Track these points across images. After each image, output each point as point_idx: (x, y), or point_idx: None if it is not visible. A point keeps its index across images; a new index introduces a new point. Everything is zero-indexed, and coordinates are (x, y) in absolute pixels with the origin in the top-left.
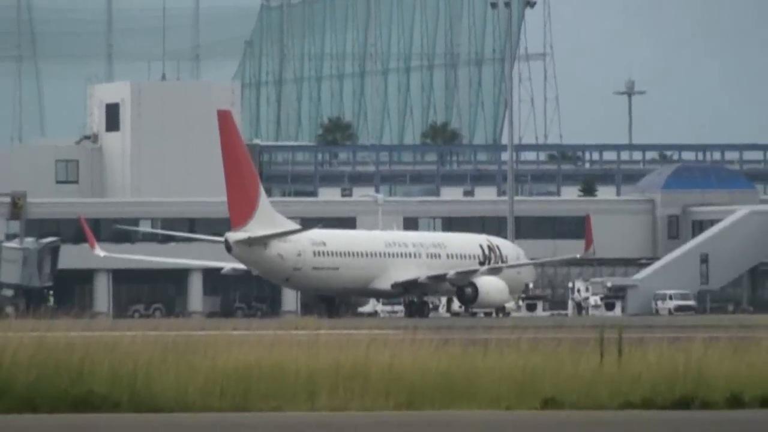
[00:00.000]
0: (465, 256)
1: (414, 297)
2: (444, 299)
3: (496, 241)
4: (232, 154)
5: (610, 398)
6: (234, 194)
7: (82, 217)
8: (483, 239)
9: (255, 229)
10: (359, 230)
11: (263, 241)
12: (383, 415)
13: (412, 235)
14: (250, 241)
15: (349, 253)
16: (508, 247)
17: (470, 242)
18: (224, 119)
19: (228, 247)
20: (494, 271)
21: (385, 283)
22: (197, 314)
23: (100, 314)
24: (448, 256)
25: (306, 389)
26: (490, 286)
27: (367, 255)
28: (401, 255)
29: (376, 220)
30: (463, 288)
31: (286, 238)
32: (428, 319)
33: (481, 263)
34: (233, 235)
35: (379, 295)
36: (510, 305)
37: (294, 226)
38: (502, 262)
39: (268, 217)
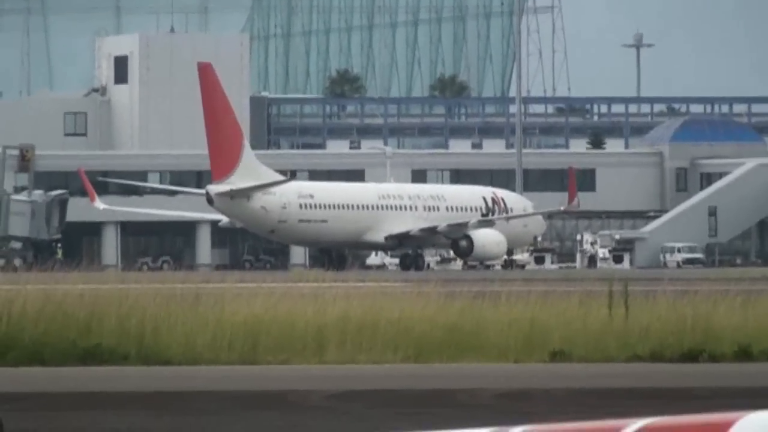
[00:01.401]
0: (466, 209)
1: (409, 250)
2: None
3: (501, 193)
4: (213, 107)
5: (618, 351)
6: (215, 147)
7: (81, 170)
8: (487, 191)
9: (237, 181)
10: (351, 183)
11: (245, 193)
12: (391, 367)
13: (408, 188)
14: (232, 194)
15: (338, 206)
16: (514, 199)
17: (473, 195)
18: (205, 72)
19: (209, 200)
20: (488, 223)
21: (378, 236)
22: (205, 267)
23: (108, 267)
24: (447, 208)
25: (314, 342)
26: (486, 238)
27: (358, 207)
28: (395, 207)
29: (384, 172)
30: (457, 241)
31: (271, 191)
32: (428, 271)
33: (484, 216)
34: (214, 188)
35: (372, 247)
36: (523, 257)
37: (279, 178)
38: (508, 214)
39: (252, 170)
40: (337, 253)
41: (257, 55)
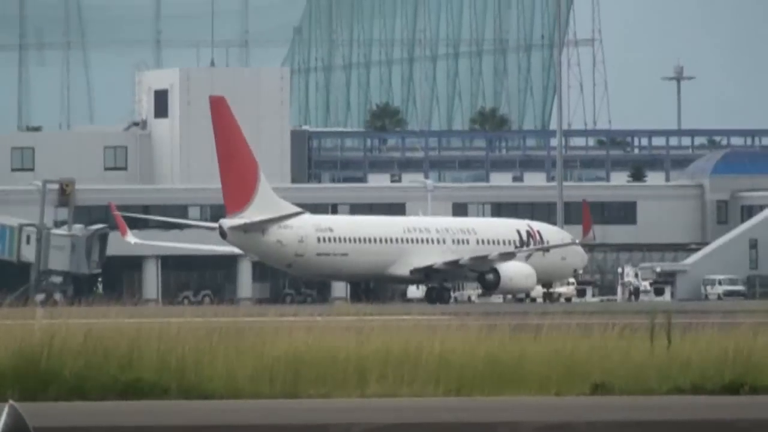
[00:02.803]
0: (498, 242)
1: (435, 283)
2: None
3: (537, 226)
4: (226, 140)
5: (660, 383)
6: (228, 180)
7: (112, 204)
8: (522, 224)
9: (252, 215)
10: (376, 216)
11: (260, 227)
12: (433, 400)
13: (437, 221)
14: (246, 227)
15: (359, 239)
16: (551, 232)
17: (506, 228)
18: (217, 105)
19: (222, 234)
20: (509, 256)
21: (403, 269)
22: (246, 300)
23: (149, 301)
24: (478, 242)
25: (355, 375)
26: (514, 271)
27: (381, 241)
28: (421, 241)
29: (425, 206)
30: (484, 274)
31: (288, 224)
32: (461, 304)
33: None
34: (227, 222)
35: (398, 281)
36: (568, 290)
37: (295, 210)
38: (546, 249)
39: (268, 204)
40: (366, 286)
41: (298, 89)
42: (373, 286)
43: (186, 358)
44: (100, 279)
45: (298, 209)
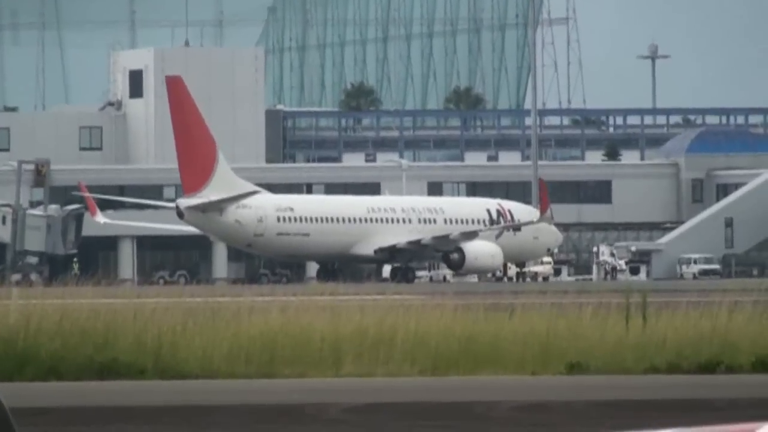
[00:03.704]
0: (466, 221)
1: (400, 263)
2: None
3: (508, 205)
4: (183, 121)
5: (636, 363)
6: (185, 160)
7: (81, 184)
8: (493, 203)
9: (210, 195)
10: (339, 196)
11: (217, 206)
12: (408, 380)
13: (403, 200)
14: (203, 207)
15: (321, 219)
16: (522, 211)
17: (475, 207)
18: (174, 85)
19: (179, 214)
20: (471, 236)
21: (367, 249)
22: (221, 281)
23: (125, 281)
24: (445, 221)
25: (331, 355)
26: (479, 251)
27: (344, 220)
28: (386, 220)
29: (400, 185)
30: (448, 253)
31: (246, 204)
32: (428, 283)
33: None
34: (184, 201)
35: (363, 260)
36: (545, 270)
37: (253, 190)
38: (515, 228)
39: (227, 184)
40: (332, 266)
41: (272, 69)
42: (339, 266)
43: (162, 339)
44: (75, 259)
45: (256, 188)
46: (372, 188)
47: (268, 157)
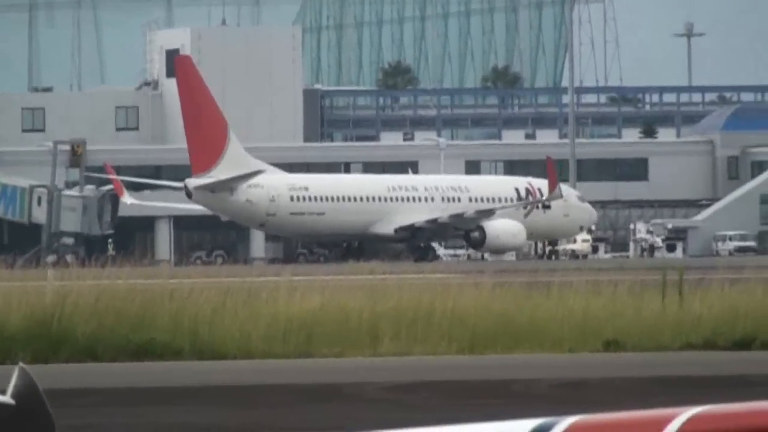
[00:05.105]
0: (492, 200)
1: (420, 242)
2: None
3: (538, 183)
4: (192, 100)
5: (672, 340)
6: (195, 140)
7: (107, 164)
8: (522, 182)
9: (220, 175)
10: (358, 175)
11: (227, 186)
12: (446, 359)
13: (426, 179)
14: (212, 187)
15: (336, 198)
16: None
17: (503, 185)
18: (182, 64)
19: (188, 194)
20: (487, 214)
21: (387, 228)
22: (259, 260)
23: (162, 261)
24: (471, 199)
25: (369, 334)
26: (501, 229)
27: (361, 199)
28: (407, 199)
29: (438, 164)
30: (469, 232)
31: (259, 183)
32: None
33: (516, 208)
34: (193, 181)
35: (383, 239)
36: (583, 247)
37: (259, 169)
38: (544, 205)
39: (239, 163)
40: (357, 245)
41: (309, 48)
42: (359, 245)
43: (199, 319)
44: (111, 240)
45: (262, 168)
46: (410, 167)
47: (305, 137)
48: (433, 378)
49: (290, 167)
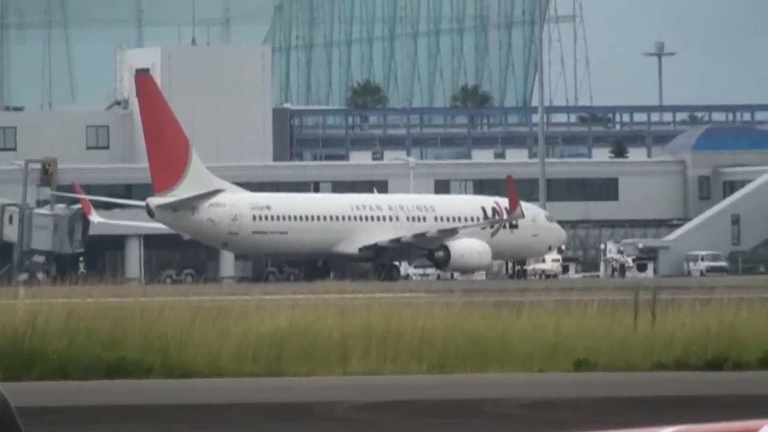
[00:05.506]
0: (458, 219)
1: (385, 261)
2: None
3: (506, 203)
4: (154, 118)
5: (643, 359)
6: (156, 158)
7: (75, 183)
8: (489, 201)
9: (182, 193)
10: (321, 194)
11: (188, 205)
12: (416, 378)
13: (391, 198)
14: (174, 206)
15: (299, 217)
16: (522, 209)
17: (469, 204)
18: (143, 83)
19: (150, 213)
20: (450, 233)
21: (351, 247)
22: (229, 279)
23: (132, 280)
24: (436, 218)
25: (338, 353)
26: (465, 248)
27: (325, 218)
28: (372, 218)
29: (407, 183)
30: (433, 251)
31: (220, 202)
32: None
33: (482, 228)
34: (155, 200)
35: (347, 259)
36: (553, 267)
37: (218, 188)
38: (511, 225)
39: (201, 182)
40: (321, 265)
41: (279, 67)
42: (324, 264)
43: (169, 337)
44: (82, 258)
45: (222, 187)
46: (379, 186)
47: (275, 155)
48: (403, 397)
49: (260, 186)
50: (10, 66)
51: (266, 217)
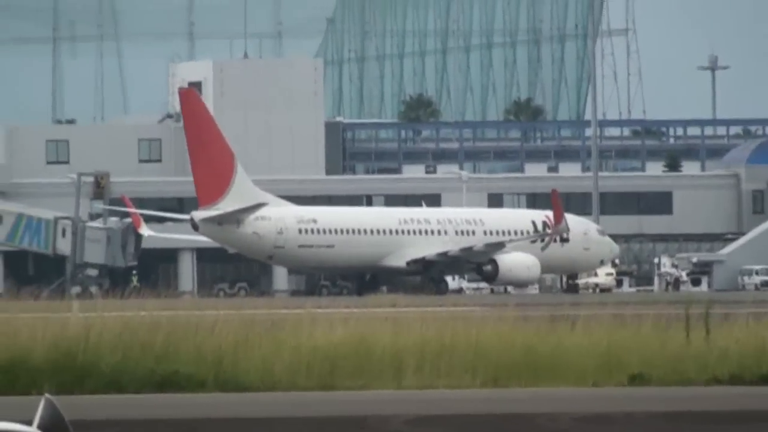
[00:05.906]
0: (508, 233)
1: (433, 275)
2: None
3: None
4: (197, 131)
5: (697, 374)
6: (200, 172)
7: (124, 197)
8: (539, 215)
9: (227, 207)
10: (368, 207)
11: (234, 218)
12: (470, 392)
13: (440, 212)
14: (219, 219)
15: (346, 231)
16: (573, 222)
17: (519, 218)
18: (187, 97)
19: (194, 226)
20: (497, 247)
21: (399, 261)
22: (282, 293)
23: (185, 293)
24: (485, 232)
25: (392, 367)
26: (514, 262)
27: (372, 232)
28: (419, 232)
29: (460, 197)
30: (481, 265)
31: (266, 216)
32: (459, 295)
33: (532, 241)
34: (199, 214)
35: (394, 272)
36: (607, 281)
37: (261, 202)
38: (562, 239)
39: (246, 195)
40: (370, 278)
41: (331, 80)
42: (373, 278)
43: (222, 351)
44: (135, 272)
45: (265, 200)
46: (432, 200)
47: (327, 169)
48: (457, 411)
49: (312, 200)
50: (63, 79)
51: (312, 231)
